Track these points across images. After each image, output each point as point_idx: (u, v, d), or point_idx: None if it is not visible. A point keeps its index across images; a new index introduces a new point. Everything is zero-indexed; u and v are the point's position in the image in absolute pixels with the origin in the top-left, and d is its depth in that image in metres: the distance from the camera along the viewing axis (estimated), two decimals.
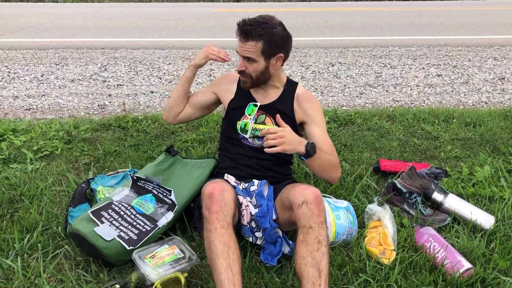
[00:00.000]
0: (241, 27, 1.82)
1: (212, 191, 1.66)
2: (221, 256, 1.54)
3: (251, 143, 2.03)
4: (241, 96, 2.06)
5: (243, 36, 1.84)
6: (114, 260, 1.79)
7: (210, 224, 1.61)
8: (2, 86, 4.50)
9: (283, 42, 1.88)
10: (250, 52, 1.84)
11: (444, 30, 7.78)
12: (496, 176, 2.57)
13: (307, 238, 1.59)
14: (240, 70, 1.93)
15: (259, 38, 1.82)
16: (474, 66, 5.41)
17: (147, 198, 2.01)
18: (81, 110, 3.89)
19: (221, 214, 1.62)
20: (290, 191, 1.76)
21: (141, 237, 1.83)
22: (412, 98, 4.29)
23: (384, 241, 1.92)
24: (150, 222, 1.90)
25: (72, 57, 5.72)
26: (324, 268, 1.54)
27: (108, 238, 1.78)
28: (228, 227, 1.62)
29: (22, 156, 2.74)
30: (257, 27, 1.81)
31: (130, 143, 2.96)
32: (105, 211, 1.92)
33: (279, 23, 1.87)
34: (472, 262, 1.84)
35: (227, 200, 1.66)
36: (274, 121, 1.99)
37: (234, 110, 2.06)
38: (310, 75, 5.08)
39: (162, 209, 1.96)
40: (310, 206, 1.61)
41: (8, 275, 1.77)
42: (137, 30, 7.73)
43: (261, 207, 1.80)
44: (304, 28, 8.06)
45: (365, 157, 2.81)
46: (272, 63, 1.91)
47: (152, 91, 4.44)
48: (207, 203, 1.64)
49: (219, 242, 1.57)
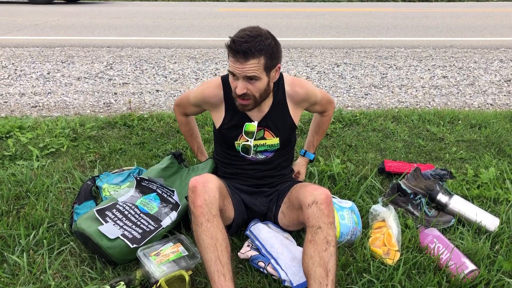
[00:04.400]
0: (237, 46, 1.62)
1: (195, 184, 1.65)
2: (208, 250, 1.57)
3: (254, 159, 2.00)
4: (233, 115, 1.92)
5: (241, 56, 1.64)
6: (118, 259, 1.80)
7: (196, 218, 1.62)
8: (8, 83, 4.53)
9: (278, 51, 1.75)
10: (254, 70, 1.67)
11: (450, 32, 7.76)
12: (501, 178, 2.56)
13: (315, 238, 1.59)
14: (241, 94, 1.74)
15: (259, 53, 1.64)
16: (480, 68, 5.39)
17: (151, 197, 2.02)
18: (87, 108, 3.90)
19: (206, 208, 1.61)
20: (299, 191, 1.76)
21: (145, 236, 1.83)
22: (418, 99, 4.28)
23: (388, 242, 1.91)
24: (154, 222, 1.91)
25: (78, 55, 5.74)
26: (331, 268, 1.54)
27: (112, 236, 1.78)
28: (214, 219, 1.62)
29: (28, 153, 2.75)
30: (254, 43, 1.63)
31: (135, 141, 2.97)
32: (109, 211, 1.92)
33: (267, 31, 1.72)
34: (477, 263, 1.83)
35: (211, 192, 1.64)
36: (273, 134, 1.95)
37: (228, 130, 1.95)
38: (315, 75, 5.08)
39: (166, 208, 1.97)
40: (320, 206, 1.61)
41: (14, 270, 1.78)
42: (143, 29, 7.75)
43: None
44: (310, 28, 8.06)
45: (370, 157, 2.81)
46: (272, 77, 1.78)
47: (157, 89, 4.46)
48: (191, 197, 1.64)
49: (205, 236, 1.59)
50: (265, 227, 1.92)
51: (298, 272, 1.71)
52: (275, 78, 1.82)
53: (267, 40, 1.67)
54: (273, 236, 1.86)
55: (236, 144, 1.96)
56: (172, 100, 4.16)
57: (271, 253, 1.79)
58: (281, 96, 1.93)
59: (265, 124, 1.93)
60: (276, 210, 1.95)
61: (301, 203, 1.67)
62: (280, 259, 1.76)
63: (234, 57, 1.66)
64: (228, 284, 1.53)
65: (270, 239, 1.84)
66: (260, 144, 1.95)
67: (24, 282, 1.72)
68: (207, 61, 5.61)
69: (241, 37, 1.64)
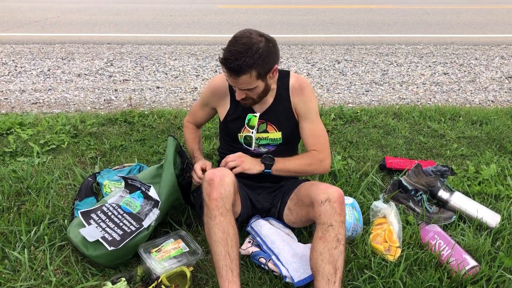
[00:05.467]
0: (228, 65, 1.67)
1: (213, 177, 1.66)
2: (219, 244, 1.59)
3: (257, 151, 2.01)
4: (237, 107, 1.97)
5: (233, 74, 1.69)
6: (109, 265, 1.79)
7: (209, 211, 1.63)
8: (9, 80, 4.52)
9: (272, 55, 1.73)
10: (247, 84, 1.73)
11: (451, 28, 7.74)
12: (503, 175, 2.56)
13: (326, 235, 1.60)
14: (241, 99, 1.83)
15: (250, 69, 1.67)
16: (481, 65, 5.38)
17: (135, 196, 1.97)
18: (88, 105, 3.90)
19: (221, 201, 1.63)
20: (310, 189, 1.77)
21: (124, 238, 1.79)
22: (418, 96, 4.28)
23: (389, 238, 1.91)
24: (136, 222, 1.86)
25: (79, 52, 5.74)
26: (340, 266, 1.56)
27: (91, 239, 1.76)
28: (227, 214, 1.64)
29: (29, 149, 2.75)
30: (244, 59, 1.64)
31: (136, 138, 2.97)
32: (94, 213, 1.90)
33: (259, 34, 1.71)
34: (478, 260, 1.83)
35: (227, 186, 1.66)
36: (275, 128, 1.96)
37: (232, 122, 2.00)
38: (316, 72, 5.07)
39: (148, 206, 1.92)
40: (333, 204, 1.62)
41: (15, 266, 1.79)
42: (143, 25, 7.73)
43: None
44: (311, 25, 8.04)
45: (371, 154, 2.81)
46: (270, 78, 1.80)
47: (158, 86, 4.45)
48: (207, 189, 1.65)
49: (218, 229, 1.60)
50: (266, 223, 1.92)
51: (299, 268, 1.71)
52: (274, 77, 1.84)
53: (258, 50, 1.67)
54: (274, 232, 1.86)
55: (239, 136, 2.00)
56: (173, 96, 4.16)
57: (272, 249, 1.79)
58: (285, 91, 1.95)
59: (267, 117, 1.96)
60: (282, 206, 1.95)
61: (313, 200, 1.68)
62: (281, 255, 1.76)
63: (227, 73, 1.72)
64: (235, 279, 1.55)
65: (271, 235, 1.84)
66: (262, 137, 1.98)
67: (25, 278, 1.72)
68: (208, 57, 5.60)
69: (231, 54, 1.66)
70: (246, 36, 1.69)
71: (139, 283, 1.72)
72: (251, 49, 1.65)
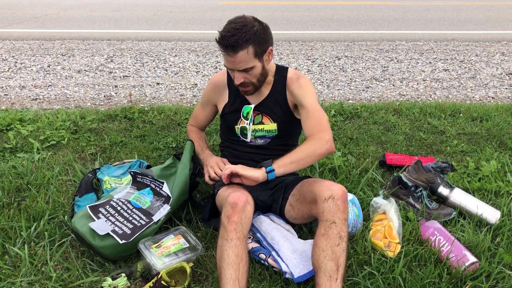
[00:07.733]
0: (225, 41, 1.73)
1: (237, 202, 1.66)
2: (231, 267, 1.56)
3: (253, 143, 2.04)
4: (235, 100, 2.04)
5: (230, 49, 1.74)
6: (114, 257, 1.80)
7: (227, 233, 1.62)
8: (9, 76, 4.52)
9: (267, 35, 1.82)
10: (245, 62, 1.77)
11: (451, 25, 7.72)
12: (503, 171, 2.56)
13: (328, 232, 1.60)
14: (240, 83, 1.86)
15: (246, 43, 1.73)
16: (482, 61, 5.38)
17: (144, 192, 2.00)
18: (88, 101, 3.90)
19: (240, 226, 1.63)
20: (313, 185, 1.76)
21: (134, 232, 1.80)
22: (419, 93, 4.27)
23: (389, 234, 1.92)
24: (146, 217, 1.88)
25: (79, 48, 5.73)
26: (342, 263, 1.56)
27: (102, 232, 1.77)
28: (244, 240, 1.64)
29: (29, 145, 2.75)
30: (240, 34, 1.71)
31: (136, 134, 2.96)
32: (103, 207, 1.91)
33: (253, 18, 1.80)
34: (478, 256, 1.83)
35: (248, 213, 1.68)
36: (271, 119, 1.99)
37: (229, 114, 2.05)
38: (316, 68, 5.07)
39: (158, 202, 1.95)
40: (337, 202, 1.63)
41: (15, 262, 1.79)
42: (143, 22, 7.72)
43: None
44: (311, 21, 8.02)
45: (371, 150, 2.81)
46: (266, 59, 1.86)
47: (158, 82, 4.45)
48: (229, 211, 1.65)
49: (232, 252, 1.59)
50: (266, 219, 1.92)
51: (299, 264, 1.72)
52: (270, 60, 1.89)
53: (253, 28, 1.75)
54: (274, 228, 1.86)
55: (236, 128, 2.04)
56: (173, 93, 4.16)
57: (272, 245, 1.80)
58: (281, 84, 1.99)
59: (263, 108, 1.99)
60: (283, 202, 1.95)
61: (317, 197, 1.68)
62: (281, 251, 1.76)
63: (224, 51, 1.77)
64: None
65: (271, 231, 1.84)
66: (258, 129, 2.01)
67: (25, 274, 1.72)
68: (208, 54, 5.59)
69: (227, 31, 1.74)
70: (241, 17, 1.79)
71: (139, 279, 1.72)
72: (246, 26, 1.74)
